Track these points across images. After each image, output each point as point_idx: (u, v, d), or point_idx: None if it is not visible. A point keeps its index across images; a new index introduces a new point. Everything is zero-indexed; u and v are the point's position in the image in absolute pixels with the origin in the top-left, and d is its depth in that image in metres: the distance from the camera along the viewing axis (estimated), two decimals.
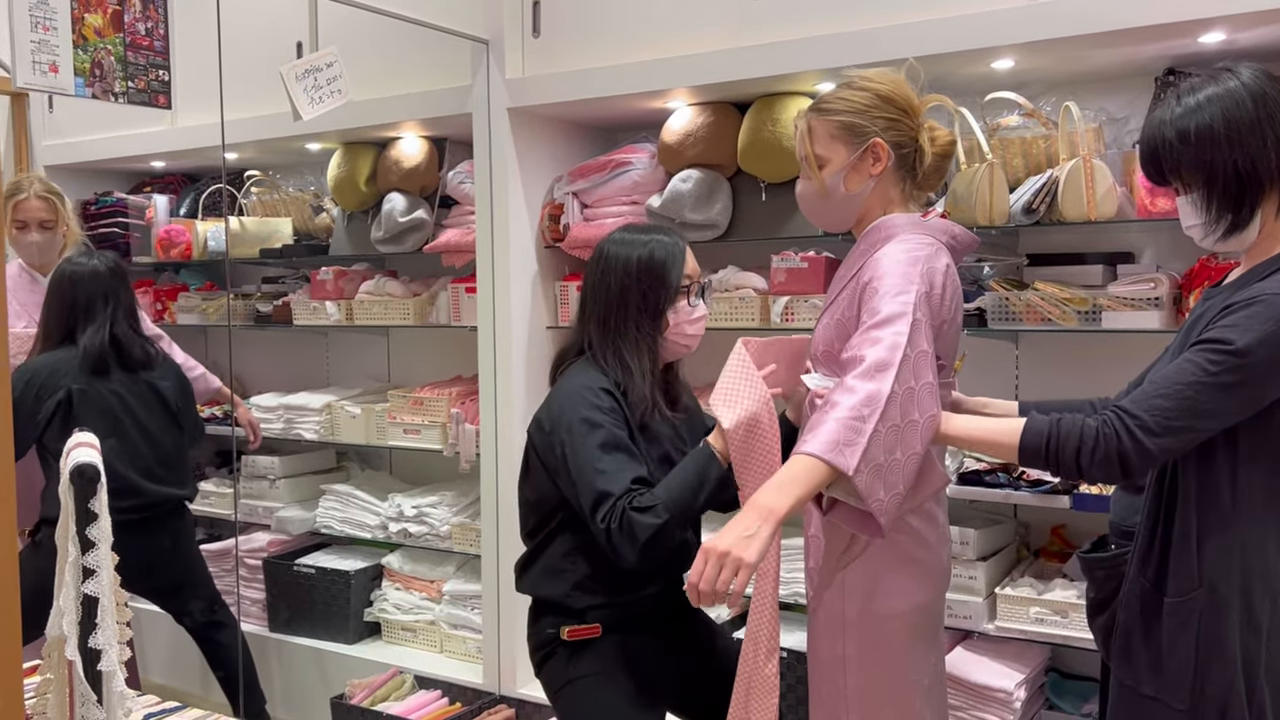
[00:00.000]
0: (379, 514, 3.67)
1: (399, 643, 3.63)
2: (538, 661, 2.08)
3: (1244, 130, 1.48)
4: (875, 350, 1.58)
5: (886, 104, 1.77)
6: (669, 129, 3.01)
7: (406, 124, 3.39)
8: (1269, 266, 1.52)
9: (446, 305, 3.49)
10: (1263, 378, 1.44)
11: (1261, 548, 1.52)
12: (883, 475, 1.55)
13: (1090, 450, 1.47)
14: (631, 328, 1.97)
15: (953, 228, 1.79)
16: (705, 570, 1.52)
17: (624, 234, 2.04)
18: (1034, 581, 2.63)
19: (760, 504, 1.54)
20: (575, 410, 1.91)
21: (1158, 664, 1.56)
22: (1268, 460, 1.50)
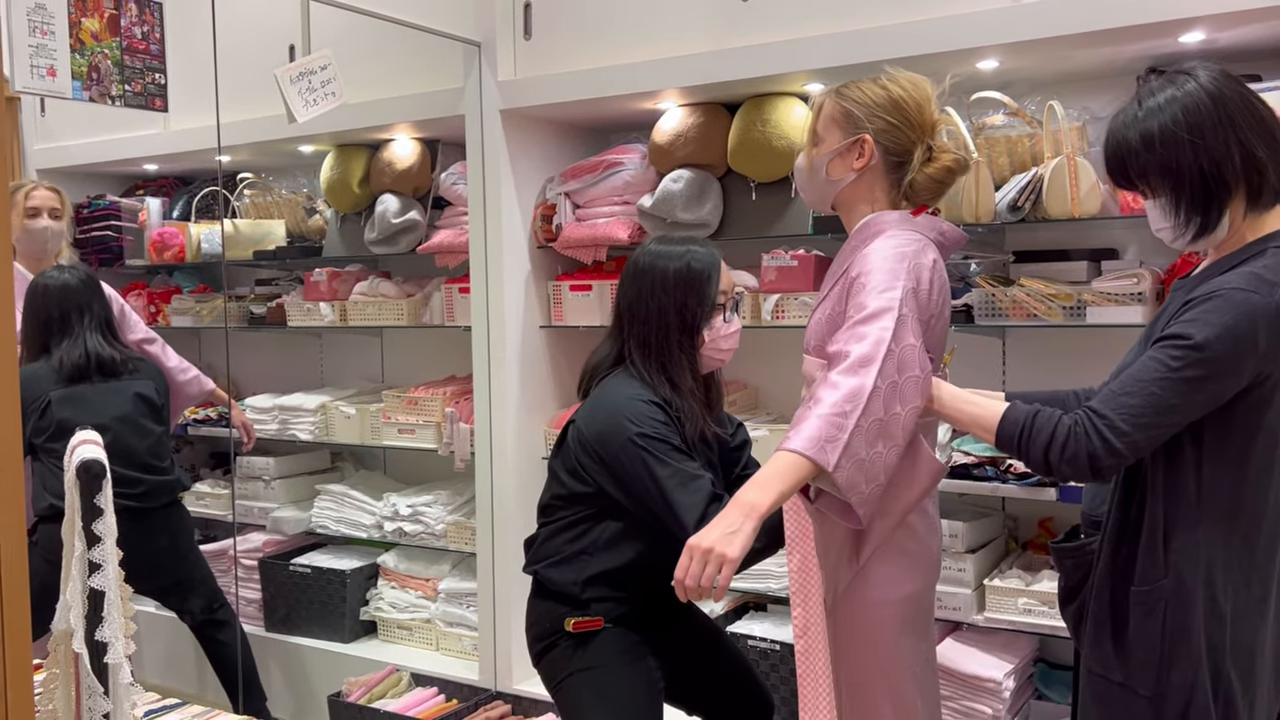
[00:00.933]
0: (374, 513, 3.69)
1: (395, 641, 3.65)
2: (538, 652, 2.10)
3: (1206, 133, 1.49)
4: (860, 346, 1.62)
5: (893, 108, 1.80)
6: (660, 130, 3.05)
7: (399, 126, 3.42)
8: (1230, 261, 1.54)
9: (440, 306, 3.51)
10: (1222, 371, 1.45)
11: (1225, 540, 1.55)
12: (864, 469, 1.59)
13: (1060, 447, 1.49)
14: (674, 347, 2.00)
15: (941, 224, 1.83)
16: (690, 567, 1.56)
17: (661, 246, 2.05)
18: (1022, 573, 2.67)
19: (743, 500, 1.57)
20: (639, 423, 1.92)
21: (1125, 651, 1.59)
22: (1232, 454, 1.53)
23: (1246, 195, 1.52)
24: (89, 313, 3.06)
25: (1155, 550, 1.57)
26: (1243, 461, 1.54)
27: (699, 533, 1.58)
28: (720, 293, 2.02)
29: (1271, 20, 2.23)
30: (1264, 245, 1.54)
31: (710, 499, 1.87)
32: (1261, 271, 1.49)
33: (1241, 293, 1.46)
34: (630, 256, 2.08)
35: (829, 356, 1.67)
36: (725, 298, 2.04)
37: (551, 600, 2.06)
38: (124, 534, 3.07)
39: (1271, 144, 1.52)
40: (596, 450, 1.96)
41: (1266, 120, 1.53)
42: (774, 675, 2.87)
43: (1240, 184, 1.51)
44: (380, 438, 3.64)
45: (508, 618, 3.21)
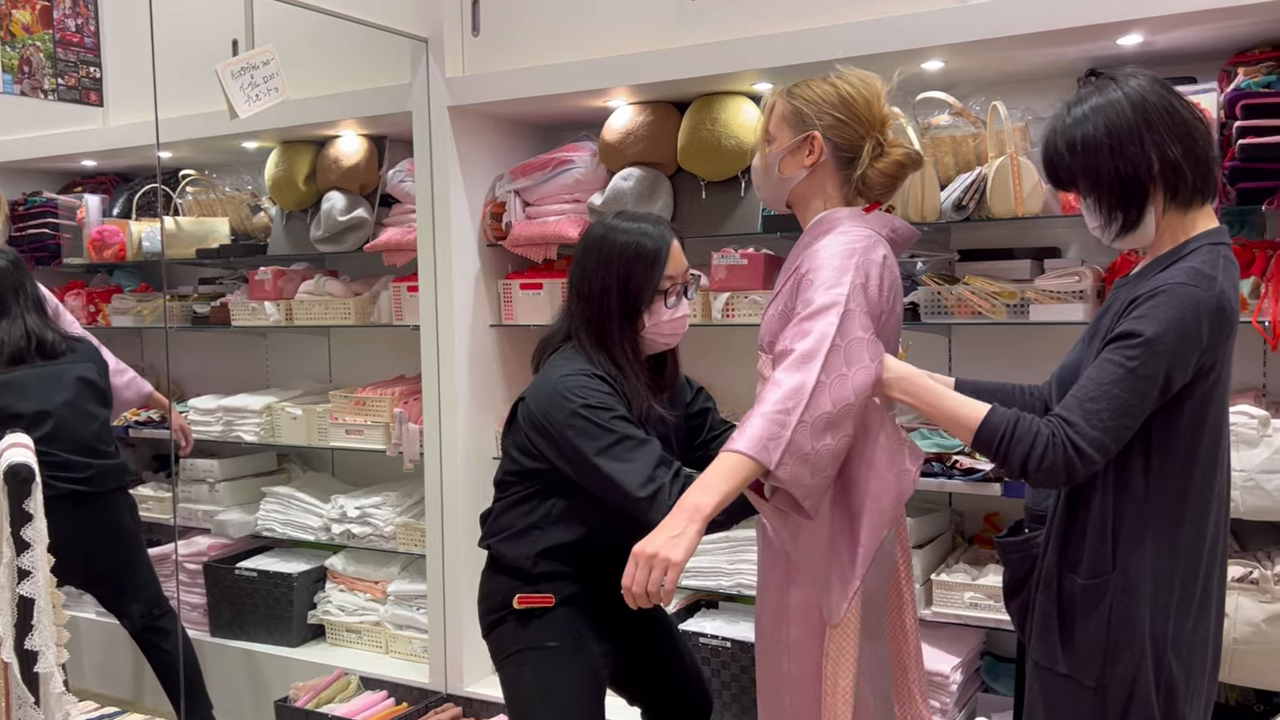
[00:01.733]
0: (321, 515, 3.64)
1: (344, 644, 3.61)
2: (488, 625, 2.09)
3: (1124, 137, 1.56)
4: (804, 342, 1.63)
5: (841, 105, 1.81)
6: (610, 128, 3.04)
7: (345, 122, 3.38)
8: (1167, 259, 1.60)
9: (388, 304, 3.47)
10: (1174, 363, 1.51)
11: (1172, 534, 1.59)
12: (809, 462, 1.60)
13: (1039, 457, 1.52)
14: (614, 327, 1.98)
15: (893, 221, 1.84)
16: (636, 573, 1.56)
17: (616, 220, 2.03)
18: (968, 568, 2.70)
19: (688, 503, 1.58)
20: (580, 395, 1.90)
21: (1071, 643, 1.62)
22: (1179, 451, 1.57)
23: (1165, 195, 1.59)
24: (23, 293, 3.04)
25: (1103, 544, 1.60)
26: (1189, 458, 1.58)
27: (643, 540, 1.58)
28: (667, 277, 1.99)
29: (1205, 24, 2.27)
30: (1198, 243, 1.60)
31: (658, 462, 1.85)
32: (1200, 266, 1.55)
33: (1184, 287, 1.52)
34: (588, 226, 2.07)
35: (775, 354, 1.68)
36: (673, 282, 2.00)
37: (504, 575, 2.05)
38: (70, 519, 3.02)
39: (1189, 147, 1.58)
40: (543, 425, 1.95)
41: (1188, 124, 1.59)
42: (725, 673, 2.87)
43: (1158, 185, 1.58)
44: (328, 439, 3.59)
45: (458, 619, 3.18)
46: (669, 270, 2.00)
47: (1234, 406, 2.30)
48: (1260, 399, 2.48)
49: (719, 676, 2.88)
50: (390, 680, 3.32)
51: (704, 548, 3.02)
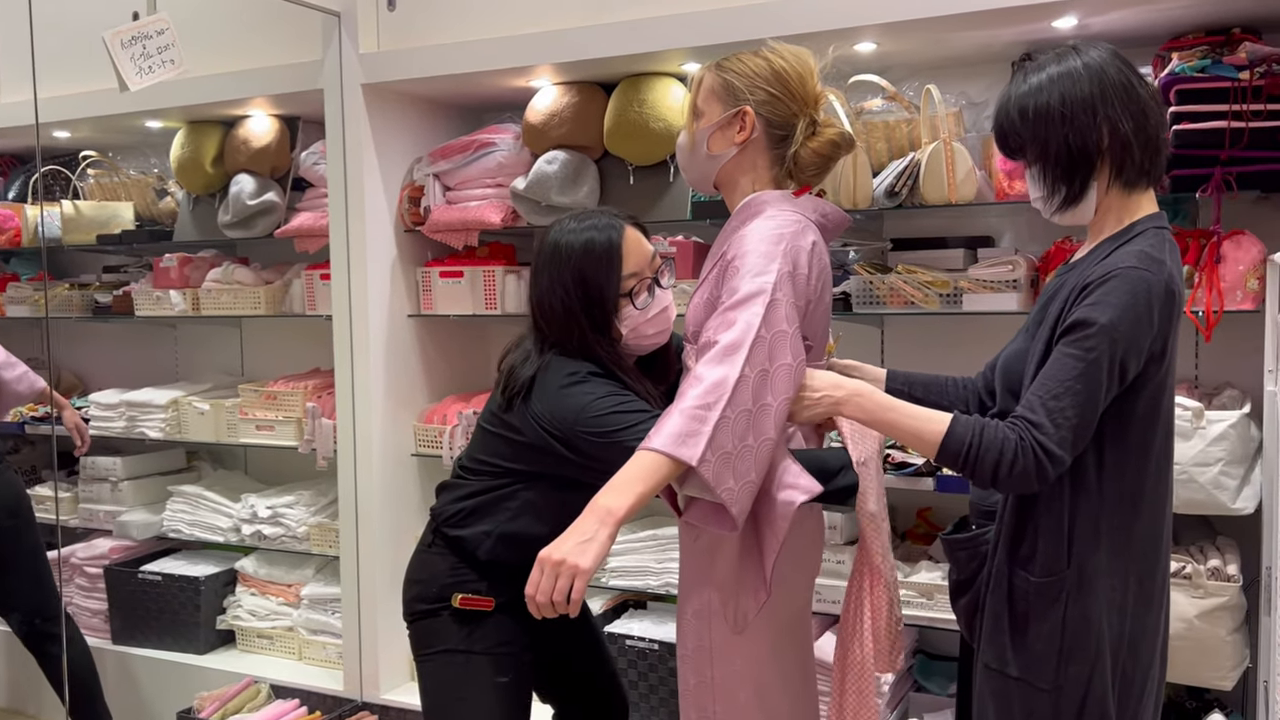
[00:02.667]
0: (231, 516, 3.46)
1: (255, 651, 3.43)
2: (416, 614, 1.95)
3: (1077, 108, 1.52)
4: (728, 333, 1.53)
5: (775, 80, 1.71)
6: (533, 109, 2.91)
7: (255, 101, 3.20)
8: (1113, 243, 1.55)
9: (301, 294, 3.31)
10: (1129, 349, 1.45)
11: (1125, 526, 1.53)
12: (732, 463, 1.49)
13: (1010, 464, 1.46)
14: (593, 345, 1.81)
15: (824, 205, 1.75)
16: (541, 581, 1.45)
17: (564, 223, 1.85)
18: (900, 564, 2.63)
19: (599, 506, 1.47)
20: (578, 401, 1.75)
21: (1023, 645, 1.55)
22: (1134, 442, 1.52)
23: (1112, 170, 1.55)
24: None
25: (1057, 541, 1.53)
26: (1143, 449, 1.53)
27: (551, 544, 1.47)
28: (629, 275, 1.81)
29: (1141, 6, 2.23)
30: (1144, 226, 1.56)
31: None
32: (1149, 250, 1.50)
33: (1135, 270, 1.47)
34: (542, 237, 1.89)
35: (699, 346, 1.57)
36: (638, 279, 1.83)
37: (446, 555, 1.92)
38: None
39: (1142, 124, 1.54)
40: (551, 429, 1.78)
41: (1143, 102, 1.54)
42: (653, 675, 2.77)
43: (1106, 160, 1.54)
44: (237, 435, 3.41)
45: (373, 624, 3.03)
46: (629, 267, 1.82)
47: None
48: (1193, 390, 2.45)
49: (646, 680, 2.78)
50: (303, 688, 3.16)
51: (632, 546, 2.91)
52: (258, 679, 3.20)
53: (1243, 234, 2.25)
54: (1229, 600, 2.20)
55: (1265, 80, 2.12)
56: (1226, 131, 2.14)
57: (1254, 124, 2.13)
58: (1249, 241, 2.23)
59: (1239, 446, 2.19)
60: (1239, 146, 2.15)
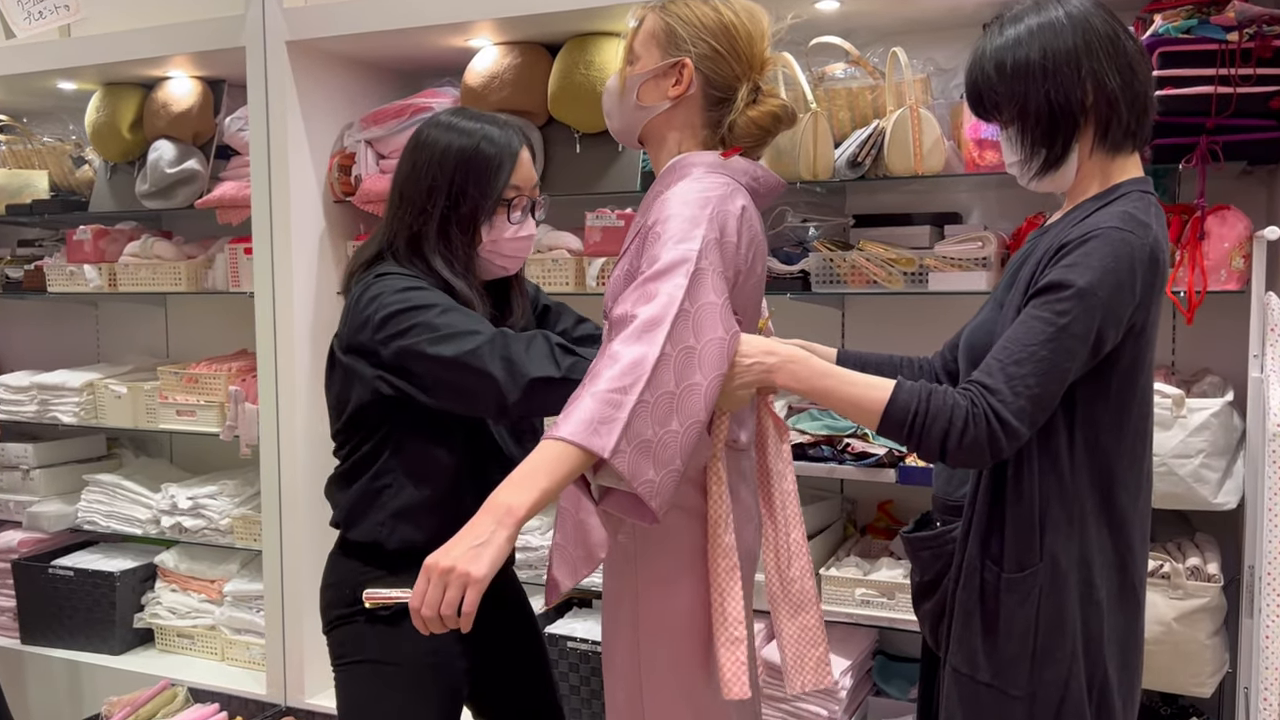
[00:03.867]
0: (150, 507, 3.24)
1: (175, 650, 3.22)
2: (330, 621, 1.77)
3: (1060, 61, 1.39)
4: (647, 307, 1.34)
5: (722, 34, 1.53)
6: (472, 70, 2.71)
7: (175, 61, 2.96)
8: (1094, 204, 1.41)
9: (225, 269, 3.08)
10: (1108, 318, 1.32)
11: (1100, 517, 1.40)
12: (652, 452, 1.31)
13: (959, 433, 1.31)
14: (447, 238, 1.67)
15: (755, 169, 1.56)
16: (428, 592, 1.26)
17: (451, 117, 1.72)
18: (860, 560, 2.47)
19: (497, 502, 1.28)
20: (394, 297, 1.59)
21: (994, 647, 1.42)
22: (1107, 423, 1.38)
23: (1096, 130, 1.42)
24: None
25: (1029, 532, 1.39)
26: (1118, 430, 1.39)
27: (439, 550, 1.28)
28: (512, 186, 1.70)
29: None
30: (1129, 188, 1.42)
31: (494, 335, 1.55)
32: (1133, 211, 1.37)
33: (1119, 231, 1.32)
34: (417, 127, 1.75)
35: (614, 319, 1.39)
36: (518, 194, 1.72)
37: (353, 558, 1.73)
38: None
39: (1129, 80, 1.41)
40: (360, 347, 1.63)
41: (1131, 56, 1.41)
42: (595, 680, 2.59)
43: (1090, 119, 1.41)
44: (157, 421, 3.18)
45: (298, 624, 2.82)
46: (516, 179, 1.70)
47: None
48: (1170, 376, 2.30)
49: (588, 684, 2.60)
50: (224, 691, 2.95)
51: None
52: (175, 681, 2.98)
53: (1228, 209, 2.10)
54: (1209, 601, 2.05)
55: (1255, 43, 1.96)
56: (1213, 97, 1.99)
57: (1242, 89, 1.98)
58: (1234, 217, 2.08)
59: (1221, 437, 2.05)
60: (1226, 114, 1.99)
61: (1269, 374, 1.93)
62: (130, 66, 3.01)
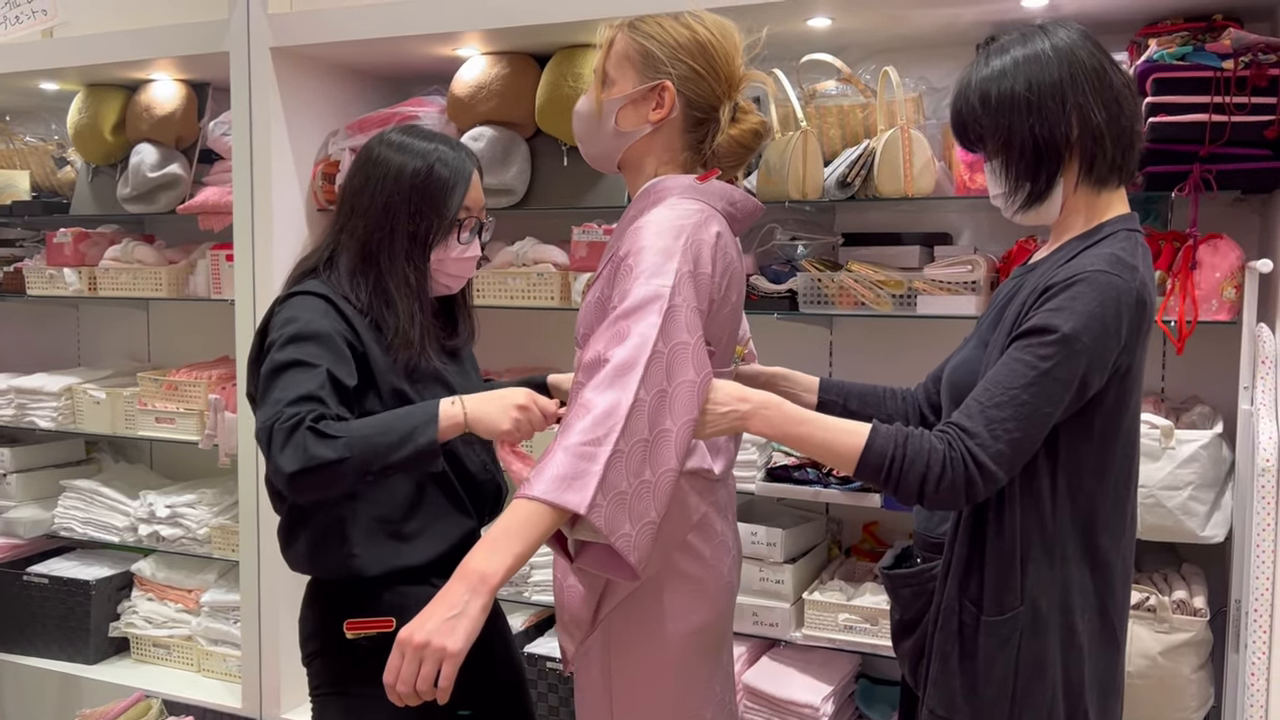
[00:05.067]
0: (128, 514, 3.19)
1: (150, 661, 3.17)
2: (308, 654, 1.74)
3: (1045, 95, 1.36)
4: (620, 350, 1.31)
5: (700, 53, 1.51)
6: (460, 80, 2.67)
7: (158, 63, 2.91)
8: (1080, 244, 1.39)
9: (207, 275, 3.04)
10: (1093, 364, 1.29)
11: (1082, 559, 1.37)
12: (627, 504, 1.28)
13: (937, 478, 1.29)
14: (399, 256, 1.66)
15: (732, 193, 1.53)
16: (402, 669, 1.22)
17: (402, 136, 1.71)
18: (844, 584, 2.44)
19: (470, 570, 1.24)
20: (286, 322, 1.58)
21: (972, 689, 1.39)
22: (1091, 465, 1.36)
23: (1081, 165, 1.39)
24: None
25: (1010, 574, 1.36)
26: (1101, 473, 1.36)
27: (413, 620, 1.24)
28: (464, 208, 1.70)
29: None
30: (1115, 227, 1.40)
31: (304, 397, 1.48)
32: (1120, 253, 1.34)
33: (1105, 275, 1.30)
34: (366, 143, 1.74)
35: (585, 363, 1.35)
36: (469, 214, 1.72)
37: (326, 600, 1.70)
38: None
39: (1115, 115, 1.39)
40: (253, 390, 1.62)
41: (1117, 90, 1.39)
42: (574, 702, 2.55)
43: (1075, 153, 1.38)
44: (135, 427, 3.14)
45: (275, 635, 2.78)
46: (468, 200, 1.71)
47: None
48: (1160, 405, 2.28)
49: (567, 705, 2.56)
50: (198, 704, 2.91)
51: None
52: (149, 693, 2.94)
53: (1220, 238, 2.07)
54: (1194, 636, 2.03)
55: (1250, 71, 1.94)
56: (1207, 125, 1.96)
57: (1236, 118, 1.96)
58: (1227, 246, 2.05)
59: (1210, 469, 2.02)
60: (1220, 142, 1.97)
61: (1259, 407, 1.91)
62: (113, 68, 2.96)
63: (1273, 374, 1.90)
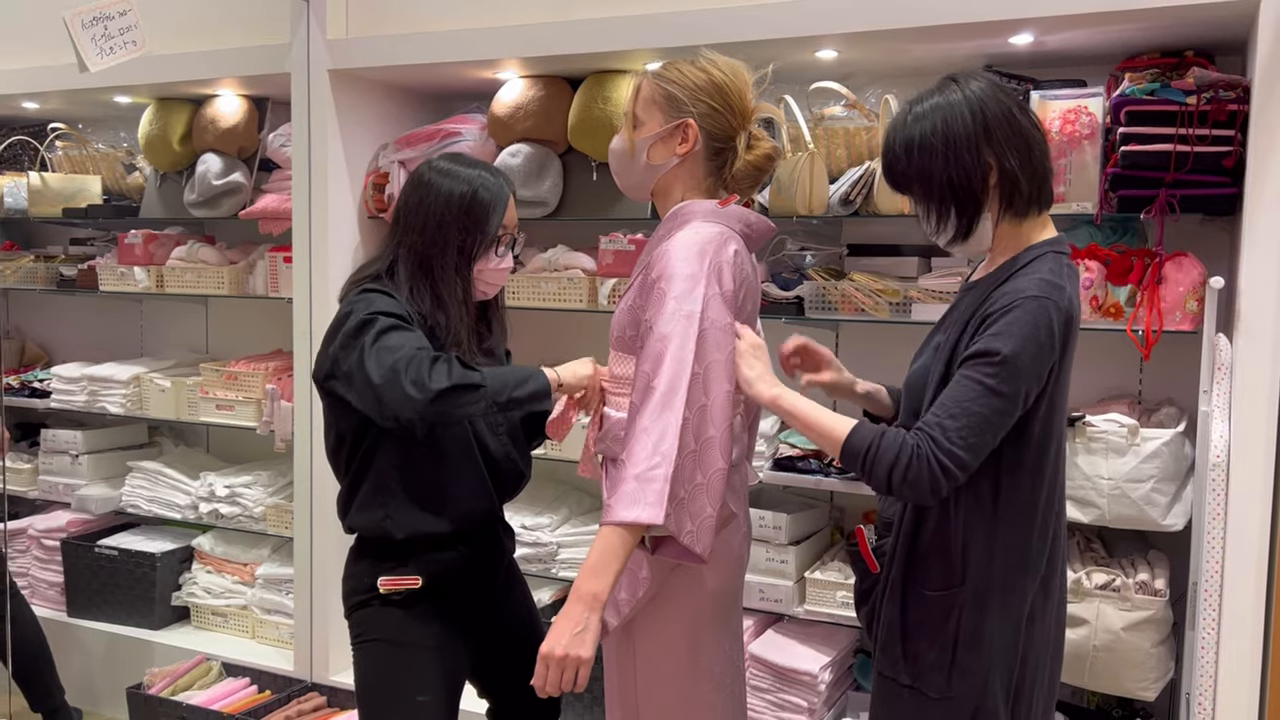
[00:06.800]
0: (189, 493, 3.48)
1: (209, 628, 3.46)
2: (350, 607, 2.01)
3: (959, 143, 1.52)
4: (662, 376, 1.59)
5: (716, 93, 1.74)
6: (499, 101, 2.92)
7: (224, 81, 3.19)
8: (1011, 267, 1.56)
9: (264, 275, 3.31)
10: (1030, 378, 1.48)
11: (1020, 546, 1.57)
12: (687, 507, 1.58)
13: (904, 469, 1.49)
14: (449, 267, 1.93)
15: (748, 215, 1.78)
16: (549, 677, 1.57)
17: (449, 164, 1.97)
18: (843, 565, 2.68)
19: (584, 593, 1.57)
20: (361, 311, 1.83)
21: (916, 654, 1.60)
22: (1029, 463, 1.55)
23: (1001, 203, 1.56)
24: None
25: (951, 557, 1.57)
26: (1037, 469, 1.56)
27: (549, 639, 1.57)
28: (502, 226, 1.96)
29: (1096, 27, 2.25)
30: (1041, 250, 1.57)
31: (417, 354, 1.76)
32: (1048, 276, 1.52)
33: (1035, 300, 1.48)
34: (416, 168, 2.00)
35: (636, 388, 1.62)
36: (505, 232, 1.97)
37: (367, 558, 1.96)
38: None
39: (1026, 156, 1.55)
40: (331, 363, 1.86)
41: (1026, 133, 1.56)
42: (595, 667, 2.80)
43: (991, 194, 1.55)
44: (198, 413, 3.42)
45: (325, 606, 3.06)
46: (505, 219, 1.97)
47: (1104, 414, 2.31)
48: (1134, 407, 2.49)
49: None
50: (254, 667, 3.19)
51: (582, 538, 2.95)
52: (210, 656, 3.22)
53: (1185, 256, 2.28)
54: (1155, 614, 2.25)
55: (1211, 106, 2.15)
56: (1172, 155, 2.18)
57: (1199, 148, 2.17)
58: (1190, 264, 2.26)
59: (1171, 464, 2.23)
60: (1184, 170, 2.18)
61: (1214, 409, 2.12)
62: (182, 84, 3.24)
63: (1228, 380, 2.11)
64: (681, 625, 1.75)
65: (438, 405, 1.74)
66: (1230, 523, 2.07)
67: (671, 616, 1.75)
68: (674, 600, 1.74)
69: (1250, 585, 2.06)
